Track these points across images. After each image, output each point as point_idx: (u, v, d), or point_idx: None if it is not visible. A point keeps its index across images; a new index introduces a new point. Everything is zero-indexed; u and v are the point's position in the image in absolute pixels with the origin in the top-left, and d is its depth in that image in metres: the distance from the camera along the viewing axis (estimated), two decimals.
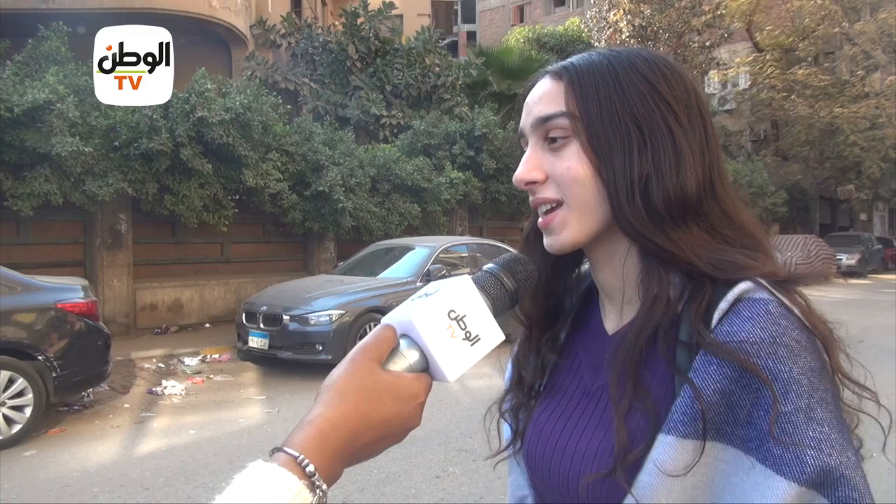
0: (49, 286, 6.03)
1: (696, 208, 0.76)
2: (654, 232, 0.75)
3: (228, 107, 9.74)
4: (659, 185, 0.75)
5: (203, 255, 11.59)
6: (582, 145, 0.77)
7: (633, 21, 21.98)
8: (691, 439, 0.66)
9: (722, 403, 0.66)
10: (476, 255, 10.32)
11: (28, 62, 9.99)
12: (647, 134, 0.76)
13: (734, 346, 0.66)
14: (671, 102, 0.78)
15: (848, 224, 31.85)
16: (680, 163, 0.76)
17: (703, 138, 0.79)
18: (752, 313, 0.68)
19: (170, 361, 8.55)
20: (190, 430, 5.96)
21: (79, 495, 4.46)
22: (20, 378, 5.49)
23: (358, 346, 0.67)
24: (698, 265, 0.73)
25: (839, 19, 25.42)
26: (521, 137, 0.84)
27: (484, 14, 37.38)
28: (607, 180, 0.76)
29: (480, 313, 0.69)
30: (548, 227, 0.80)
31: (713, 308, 0.70)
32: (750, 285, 0.70)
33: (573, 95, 0.78)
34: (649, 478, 0.68)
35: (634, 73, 0.78)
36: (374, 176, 12.39)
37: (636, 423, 0.71)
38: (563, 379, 0.88)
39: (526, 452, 0.88)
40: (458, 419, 5.70)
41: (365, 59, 15.86)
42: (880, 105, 24.31)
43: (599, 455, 0.75)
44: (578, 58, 0.82)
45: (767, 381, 0.64)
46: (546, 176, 0.79)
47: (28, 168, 8.59)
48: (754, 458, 0.64)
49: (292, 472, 0.56)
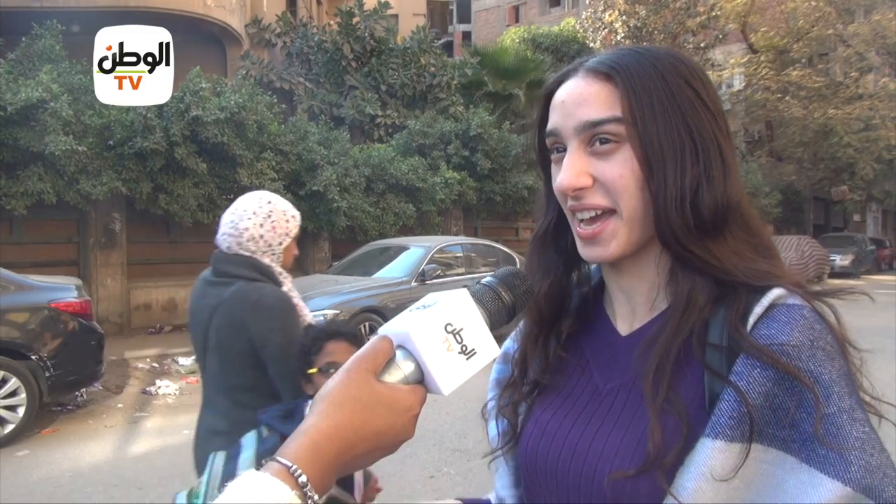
0: (42, 285, 6.01)
1: (733, 218, 0.76)
2: (695, 243, 0.74)
3: (223, 106, 9.72)
4: (710, 195, 0.74)
5: (197, 255, 11.52)
6: (634, 152, 0.75)
7: (628, 22, 22.05)
8: (737, 442, 0.67)
9: (765, 406, 0.67)
10: (471, 255, 10.32)
11: (22, 60, 9.95)
12: (698, 142, 0.75)
13: (776, 349, 0.67)
14: (713, 110, 0.77)
15: (841, 225, 31.95)
16: (727, 171, 0.76)
17: (733, 145, 0.80)
18: (788, 318, 0.69)
19: (164, 361, 8.52)
20: (184, 430, 5.94)
21: (72, 495, 4.45)
22: (13, 378, 5.47)
23: (354, 357, 0.66)
24: (735, 274, 0.74)
25: (833, 21, 25.51)
26: (551, 136, 0.81)
27: (479, 14, 37.37)
28: (657, 189, 0.74)
29: (477, 327, 0.69)
30: (596, 238, 0.78)
31: (748, 313, 0.71)
32: (783, 291, 0.71)
33: (627, 100, 0.75)
34: (696, 483, 0.67)
35: (679, 77, 0.77)
36: (369, 176, 12.38)
37: (668, 424, 0.71)
38: (570, 378, 0.86)
39: (525, 452, 0.86)
40: (453, 419, 5.70)
41: (360, 58, 15.84)
42: (874, 106, 24.40)
43: (621, 453, 0.74)
44: (620, 57, 0.78)
45: (810, 385, 0.66)
46: (594, 181, 0.76)
47: (21, 167, 8.55)
48: (798, 458, 0.65)
49: (285, 482, 0.56)
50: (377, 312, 8.30)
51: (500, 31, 29.94)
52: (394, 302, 8.47)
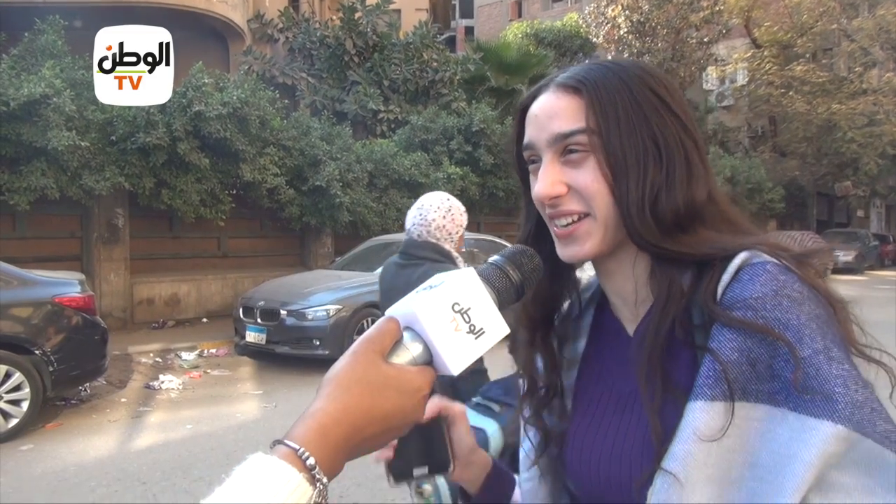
0: (46, 280, 6.02)
1: (702, 215, 0.79)
2: (664, 240, 0.77)
3: (225, 101, 9.71)
4: (669, 198, 0.77)
5: (200, 250, 11.58)
6: (598, 162, 0.78)
7: (631, 17, 21.97)
8: (719, 401, 0.68)
9: (742, 361, 0.68)
10: (473, 251, 10.31)
11: (24, 56, 9.94)
12: (662, 148, 0.78)
13: (740, 305, 0.69)
14: (680, 116, 0.80)
15: (845, 220, 31.87)
16: (691, 174, 0.79)
17: (703, 149, 0.82)
18: (751, 275, 0.71)
19: (167, 356, 8.55)
20: (187, 424, 5.97)
21: (76, 489, 4.47)
22: (17, 372, 5.49)
23: (361, 339, 0.66)
24: (710, 254, 0.76)
25: (837, 15, 25.40)
26: (527, 150, 0.84)
27: (482, 9, 37.26)
28: (620, 195, 0.77)
29: (485, 306, 0.68)
30: (571, 237, 0.81)
31: (719, 283, 0.73)
32: (748, 254, 0.73)
33: (593, 112, 0.78)
34: (685, 445, 0.68)
35: (644, 86, 0.80)
36: (372, 171, 12.37)
37: (669, 416, 0.72)
38: (593, 389, 0.88)
39: (570, 471, 0.87)
40: None
41: (362, 53, 15.82)
42: (878, 102, 24.29)
43: (646, 454, 0.75)
44: (588, 71, 0.82)
45: (777, 334, 0.67)
46: (568, 188, 0.80)
47: (24, 162, 8.56)
48: (785, 408, 0.66)
49: (292, 465, 0.56)
50: (379, 308, 8.30)
51: (503, 26, 29.85)
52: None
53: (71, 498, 4.33)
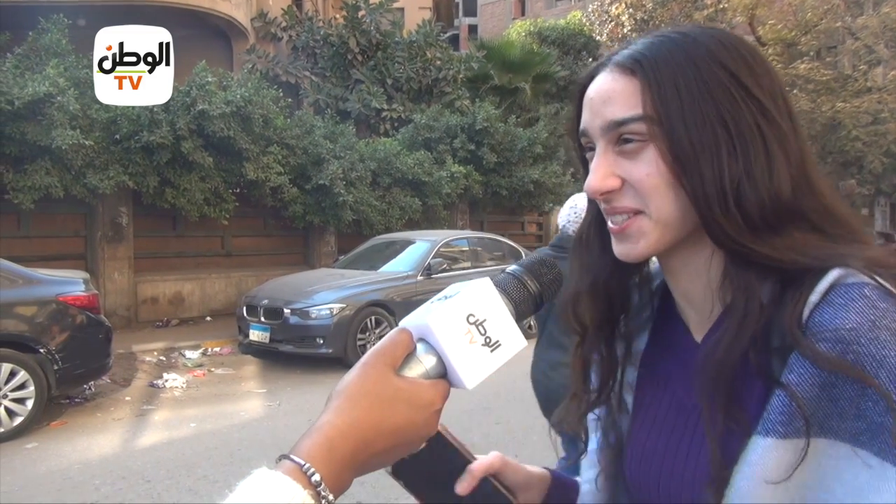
0: (50, 279, 6.04)
1: (794, 209, 0.69)
2: (754, 240, 0.68)
3: (229, 100, 9.72)
4: (752, 191, 0.68)
5: (204, 249, 11.59)
6: (660, 151, 0.69)
7: (634, 14, 21.92)
8: (793, 438, 0.61)
9: (823, 397, 0.60)
10: (477, 250, 10.32)
11: (28, 55, 9.96)
12: (735, 136, 0.68)
13: (829, 336, 0.60)
14: (758, 96, 0.70)
15: None
16: (772, 165, 0.69)
17: (792, 131, 0.71)
18: (846, 299, 0.61)
19: (171, 354, 8.56)
20: (191, 422, 5.98)
21: (80, 487, 4.48)
22: (22, 371, 5.51)
23: (372, 351, 0.63)
24: (802, 261, 0.66)
25: (842, 13, 25.30)
26: (583, 136, 0.77)
27: (485, 7, 37.24)
28: (694, 188, 0.68)
29: (501, 318, 0.66)
30: (623, 233, 0.73)
31: (806, 303, 0.63)
32: (841, 272, 0.63)
33: (650, 95, 0.70)
34: (750, 483, 0.62)
35: (716, 63, 0.70)
36: (375, 170, 12.37)
37: (733, 442, 0.65)
38: (654, 392, 0.82)
39: (630, 477, 0.82)
40: (458, 414, 5.70)
41: (366, 52, 15.82)
42: (883, 100, 24.18)
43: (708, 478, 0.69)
44: (649, 46, 0.72)
45: (865, 376, 0.58)
46: (622, 182, 0.72)
47: (29, 161, 8.58)
48: (868, 451, 0.59)
49: (297, 480, 0.54)
50: (383, 306, 8.32)
51: (507, 25, 29.82)
52: (399, 296, 8.48)
53: (75, 496, 4.34)
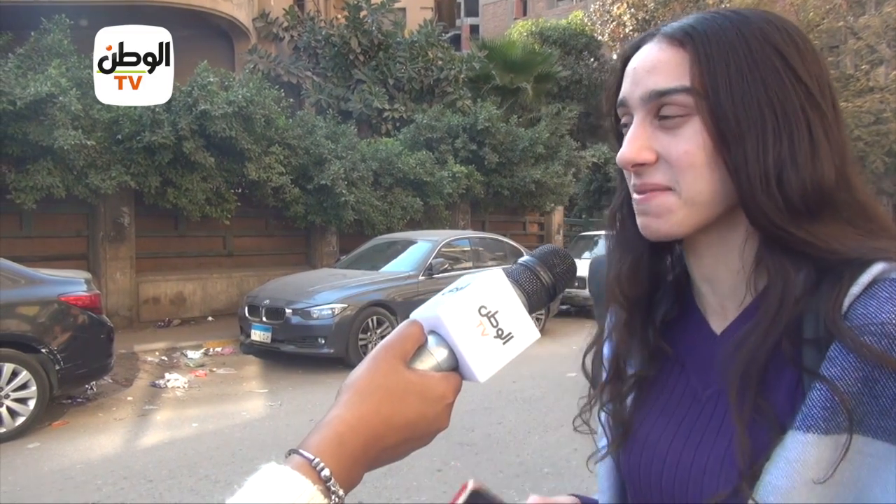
0: (52, 279, 6.04)
1: (832, 201, 0.68)
2: (793, 224, 0.66)
3: (231, 100, 9.72)
4: (795, 176, 0.66)
5: (206, 249, 11.60)
6: (706, 126, 0.67)
7: (636, 14, 21.90)
8: (833, 434, 0.59)
9: (865, 393, 0.59)
10: (478, 249, 10.32)
11: (30, 55, 9.98)
12: (780, 118, 0.67)
13: (874, 330, 0.59)
14: (806, 82, 0.69)
15: None
16: (815, 151, 0.68)
17: (836, 121, 0.71)
18: (891, 293, 0.61)
19: (172, 354, 8.57)
20: (193, 422, 5.98)
21: (82, 487, 4.48)
22: (24, 371, 5.51)
23: (382, 344, 0.63)
24: (841, 252, 0.65)
25: (844, 13, 25.27)
26: (621, 107, 0.75)
27: (487, 7, 37.24)
28: (737, 166, 0.67)
29: (514, 309, 0.65)
30: (647, 205, 0.71)
31: (846, 294, 0.62)
32: (885, 265, 0.63)
33: (699, 68, 0.68)
34: (788, 480, 0.60)
35: (767, 44, 0.68)
36: (377, 170, 12.38)
37: (760, 437, 0.64)
38: (667, 380, 0.79)
39: (629, 467, 0.80)
40: (461, 412, 5.69)
41: (367, 52, 15.82)
42: (885, 100, 24.16)
43: (726, 467, 0.67)
44: (701, 21, 0.71)
45: None
46: (657, 157, 0.70)
47: (31, 161, 8.59)
48: None
49: (306, 476, 0.53)
50: (384, 306, 8.32)
51: (508, 25, 29.83)
52: (401, 296, 8.48)
53: (77, 496, 4.34)
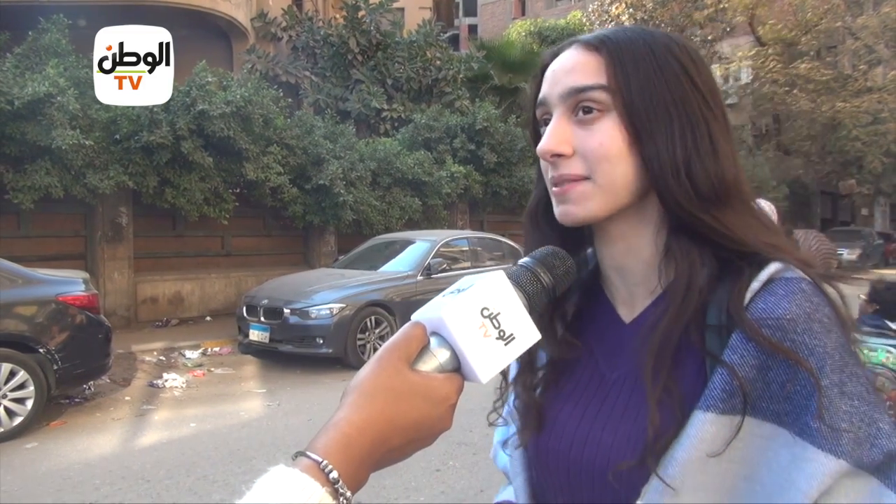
0: (50, 279, 6.03)
1: (731, 197, 0.75)
2: (702, 210, 0.73)
3: (229, 100, 9.71)
4: (701, 167, 0.73)
5: (204, 249, 11.59)
6: (621, 120, 0.74)
7: (634, 14, 21.92)
8: (729, 415, 0.67)
9: (759, 378, 0.67)
10: (477, 249, 10.31)
11: (28, 55, 9.96)
12: (683, 117, 0.74)
13: (772, 323, 0.67)
14: (702, 89, 0.76)
15: (849, 219, 31.78)
16: (716, 149, 0.75)
17: (728, 129, 0.78)
18: (786, 291, 0.68)
19: (170, 354, 8.56)
20: (191, 422, 5.98)
21: (80, 487, 4.48)
22: (21, 370, 5.50)
23: (385, 345, 0.64)
24: (747, 244, 0.72)
25: (842, 13, 25.30)
26: (541, 106, 0.81)
27: (485, 7, 37.23)
28: (650, 157, 0.73)
29: (515, 311, 0.65)
30: (565, 196, 0.76)
31: (747, 289, 0.70)
32: (781, 265, 0.71)
33: (613, 69, 0.75)
34: (687, 453, 0.67)
35: (669, 54, 0.76)
36: (375, 170, 12.37)
37: (666, 415, 0.70)
38: (576, 367, 0.84)
39: (536, 448, 0.84)
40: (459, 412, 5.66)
41: (366, 52, 15.81)
42: (883, 100, 24.19)
43: (633, 442, 0.73)
44: (614, 32, 0.79)
45: (802, 361, 0.65)
46: (573, 150, 0.76)
47: (29, 161, 8.57)
48: (791, 432, 0.65)
49: (315, 478, 0.53)
50: (383, 306, 8.31)
51: (507, 25, 29.82)
52: (399, 296, 8.47)
53: (75, 496, 4.34)
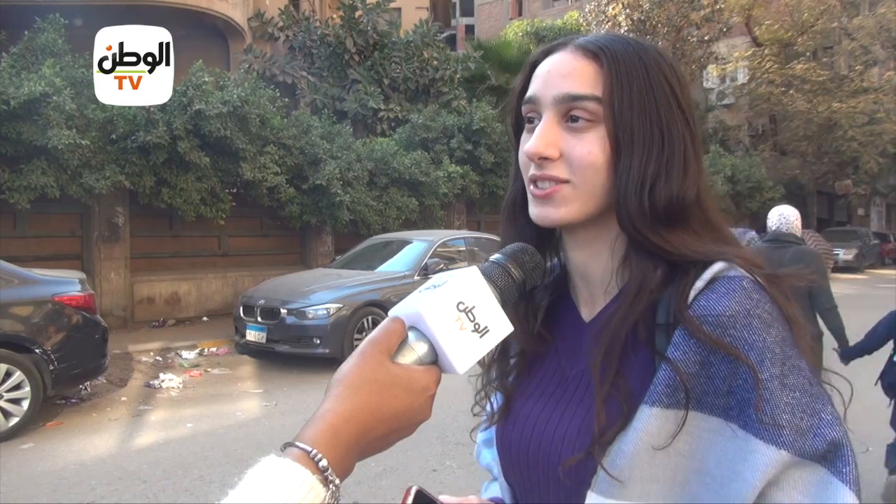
0: (46, 279, 6.02)
1: (688, 214, 0.78)
2: (650, 230, 0.76)
3: (226, 100, 9.70)
4: (666, 188, 0.76)
5: (200, 249, 11.58)
6: (608, 133, 0.76)
7: (631, 15, 21.94)
8: (674, 409, 0.69)
9: (702, 374, 0.69)
10: (473, 249, 10.31)
11: (24, 54, 9.93)
12: (665, 137, 0.77)
13: (711, 320, 0.69)
14: (685, 109, 0.79)
15: (845, 219, 31.85)
16: (686, 170, 0.78)
17: (700, 148, 0.82)
18: (727, 289, 0.71)
19: (167, 355, 8.55)
20: (187, 423, 5.97)
21: (76, 488, 4.47)
22: (17, 371, 5.49)
23: (367, 340, 0.66)
24: (689, 255, 0.75)
25: (838, 14, 25.38)
26: (529, 103, 0.81)
27: (482, 7, 37.23)
28: (621, 172, 0.76)
29: (489, 304, 0.68)
30: (546, 198, 0.78)
31: (691, 288, 0.73)
32: (724, 265, 0.73)
33: (610, 82, 0.76)
34: (632, 446, 0.69)
35: (660, 72, 0.78)
36: (372, 170, 12.37)
37: (614, 406, 0.73)
38: (540, 365, 0.88)
39: (500, 442, 0.87)
40: (456, 413, 5.69)
41: (363, 52, 15.80)
42: (878, 100, 24.29)
43: (581, 436, 0.75)
44: (611, 41, 0.79)
45: (740, 355, 0.67)
46: (560, 154, 0.77)
47: (25, 161, 8.55)
48: (736, 424, 0.67)
49: (305, 466, 0.56)
50: (380, 306, 8.31)
51: (503, 25, 29.83)
52: (396, 296, 8.46)
53: (71, 497, 4.33)
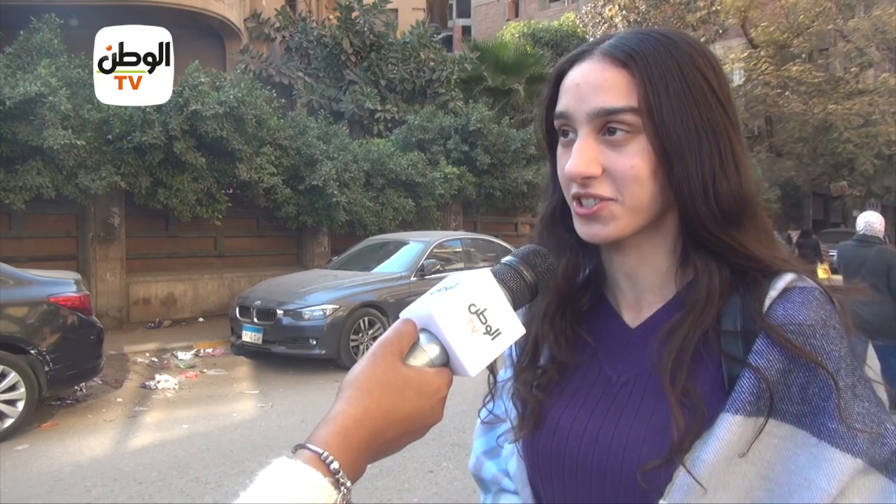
0: (41, 280, 6.00)
1: (752, 210, 0.77)
2: (725, 233, 0.75)
3: (222, 100, 9.68)
4: (727, 185, 0.75)
5: (196, 249, 11.55)
6: (651, 143, 0.74)
7: (628, 17, 21.99)
8: (754, 417, 0.69)
9: (781, 382, 0.70)
10: (470, 250, 10.32)
11: (20, 54, 9.91)
12: (711, 135, 0.75)
13: (794, 329, 0.70)
14: (725, 103, 0.77)
15: (840, 220, 31.95)
16: (739, 166, 0.77)
17: (742, 140, 0.80)
18: (803, 299, 0.72)
19: (163, 355, 8.53)
20: (183, 424, 5.96)
21: (71, 489, 4.46)
22: (12, 372, 5.47)
23: (379, 341, 0.66)
24: (761, 260, 0.75)
25: (833, 16, 25.42)
26: (561, 119, 0.79)
27: (479, 8, 37.27)
28: (680, 180, 0.74)
29: (501, 307, 0.68)
30: (594, 217, 0.77)
31: (765, 297, 0.73)
32: (795, 276, 0.74)
33: (644, 89, 0.74)
34: (714, 455, 0.69)
35: (694, 68, 0.76)
36: (369, 170, 12.36)
37: (687, 413, 0.72)
38: (577, 370, 0.85)
39: (538, 449, 0.84)
40: (452, 414, 5.69)
41: (359, 53, 15.80)
42: (874, 102, 24.33)
43: (647, 443, 0.74)
44: (638, 42, 0.76)
45: (823, 364, 0.69)
46: (603, 170, 0.75)
47: (20, 161, 8.52)
48: (809, 432, 0.69)
49: (317, 469, 0.56)
50: (376, 307, 8.31)
51: (500, 26, 29.87)
52: (393, 297, 8.47)
53: (67, 498, 4.32)
